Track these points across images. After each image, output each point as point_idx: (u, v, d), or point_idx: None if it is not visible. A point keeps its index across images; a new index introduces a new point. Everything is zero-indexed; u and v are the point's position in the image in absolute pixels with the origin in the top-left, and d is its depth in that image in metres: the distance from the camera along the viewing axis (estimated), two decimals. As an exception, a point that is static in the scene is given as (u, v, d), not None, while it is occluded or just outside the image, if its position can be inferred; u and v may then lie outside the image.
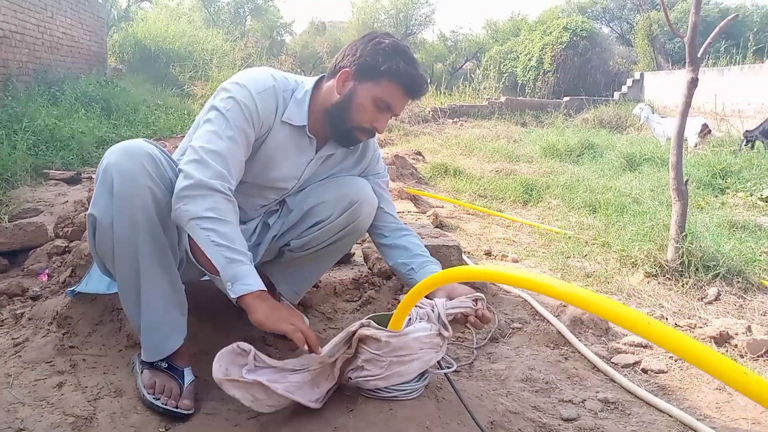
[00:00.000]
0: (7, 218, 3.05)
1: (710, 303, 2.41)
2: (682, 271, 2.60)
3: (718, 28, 2.68)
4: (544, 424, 1.36)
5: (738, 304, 2.41)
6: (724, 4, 20.79)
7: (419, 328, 1.23)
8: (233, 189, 1.27)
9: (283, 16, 24.05)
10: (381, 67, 1.33)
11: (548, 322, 2.03)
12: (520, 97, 14.88)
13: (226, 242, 1.18)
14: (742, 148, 7.30)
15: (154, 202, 1.24)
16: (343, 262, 2.21)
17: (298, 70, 16.20)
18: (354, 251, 2.30)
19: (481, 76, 17.23)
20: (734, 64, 12.11)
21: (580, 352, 1.85)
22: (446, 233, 2.66)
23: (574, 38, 16.09)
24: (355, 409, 1.18)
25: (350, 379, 1.21)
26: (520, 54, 17.38)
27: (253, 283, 1.18)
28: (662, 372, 1.76)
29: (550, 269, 2.89)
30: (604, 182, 5.28)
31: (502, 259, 3.08)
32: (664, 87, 13.56)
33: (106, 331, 1.55)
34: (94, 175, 1.78)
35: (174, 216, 1.23)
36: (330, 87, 1.39)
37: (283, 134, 1.40)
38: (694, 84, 2.61)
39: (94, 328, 1.56)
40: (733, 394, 1.61)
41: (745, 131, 7.80)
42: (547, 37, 16.50)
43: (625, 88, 14.84)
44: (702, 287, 2.53)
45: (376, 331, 1.18)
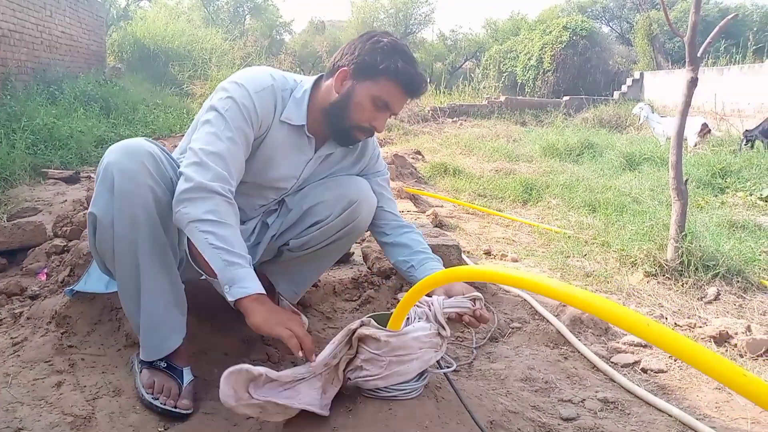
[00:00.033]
0: (6, 217, 3.05)
1: (710, 302, 2.40)
2: (682, 271, 2.60)
3: (717, 28, 2.68)
4: (543, 424, 1.36)
5: (737, 304, 2.41)
6: (724, 4, 20.78)
7: (418, 327, 1.22)
8: (234, 190, 1.27)
9: (282, 15, 24.00)
10: (379, 66, 1.32)
11: (548, 321, 2.03)
12: (520, 97, 14.86)
13: (225, 245, 1.17)
14: (741, 148, 7.30)
15: (155, 201, 1.24)
16: (343, 261, 2.21)
17: (298, 70, 16.18)
18: (353, 251, 2.30)
19: (480, 76, 17.20)
20: (734, 64, 12.11)
21: (579, 352, 1.85)
22: (446, 232, 2.66)
23: (574, 37, 16.07)
24: (355, 409, 1.18)
25: (349, 379, 1.20)
26: (520, 53, 17.36)
27: (250, 286, 1.17)
28: (662, 371, 1.76)
29: (550, 269, 2.88)
30: (603, 182, 5.27)
31: (501, 259, 3.08)
32: (664, 86, 13.56)
33: (105, 330, 1.55)
34: (93, 175, 1.77)
35: (175, 219, 1.23)
36: (328, 86, 1.39)
37: (282, 134, 1.39)
38: (693, 83, 2.61)
39: (93, 327, 1.55)
40: (732, 393, 1.61)
41: (745, 131, 7.80)
42: (547, 37, 16.49)
43: (624, 88, 14.85)
44: (701, 287, 2.53)
45: (375, 330, 1.17)
